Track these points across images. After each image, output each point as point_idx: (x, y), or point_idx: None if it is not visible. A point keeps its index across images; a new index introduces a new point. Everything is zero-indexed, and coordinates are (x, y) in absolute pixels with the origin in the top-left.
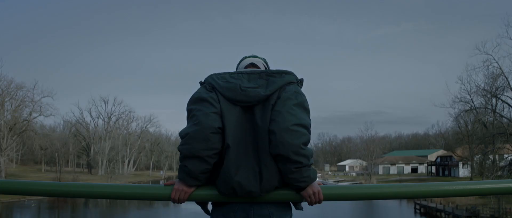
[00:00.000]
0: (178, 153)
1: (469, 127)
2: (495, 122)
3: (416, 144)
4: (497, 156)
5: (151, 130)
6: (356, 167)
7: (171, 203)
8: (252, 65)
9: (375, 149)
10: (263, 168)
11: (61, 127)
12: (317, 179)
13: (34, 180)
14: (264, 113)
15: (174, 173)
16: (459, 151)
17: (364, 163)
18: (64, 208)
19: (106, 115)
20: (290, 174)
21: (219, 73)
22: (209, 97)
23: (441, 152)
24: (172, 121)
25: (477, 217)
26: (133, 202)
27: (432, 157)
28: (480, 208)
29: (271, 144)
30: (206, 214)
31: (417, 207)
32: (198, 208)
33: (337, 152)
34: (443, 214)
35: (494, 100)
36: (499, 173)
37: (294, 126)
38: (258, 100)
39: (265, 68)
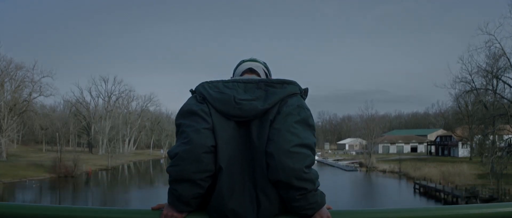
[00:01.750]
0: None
1: (470, 107)
2: (496, 103)
3: (416, 123)
4: (496, 137)
5: (151, 108)
6: (356, 145)
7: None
8: (251, 71)
9: (375, 128)
10: (261, 194)
11: (61, 106)
12: (325, 203)
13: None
14: (261, 130)
15: None
16: (459, 131)
17: (364, 142)
18: (66, 188)
19: (106, 94)
20: (294, 202)
21: (211, 82)
22: (200, 111)
23: (440, 132)
24: (172, 99)
25: (476, 197)
26: (133, 181)
27: (431, 136)
28: (479, 188)
29: (269, 169)
30: None
31: (417, 186)
32: None
33: (337, 130)
34: (442, 194)
35: (495, 81)
36: (499, 153)
37: (296, 147)
38: (254, 115)
39: (266, 74)
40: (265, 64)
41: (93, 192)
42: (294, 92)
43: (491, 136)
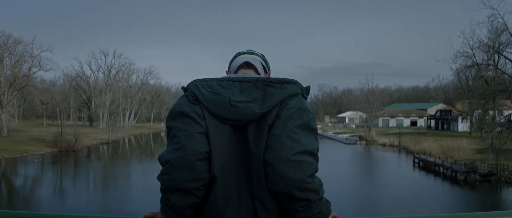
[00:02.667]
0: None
1: (470, 82)
2: (497, 78)
3: (416, 97)
4: (496, 112)
5: (151, 82)
6: (356, 119)
7: None
8: (247, 65)
9: (375, 101)
10: (258, 204)
11: (61, 81)
12: (331, 213)
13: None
14: (259, 135)
15: None
16: (459, 106)
17: (364, 115)
18: (67, 162)
19: (106, 67)
20: (296, 213)
21: (205, 80)
22: (193, 113)
23: (441, 106)
24: (172, 72)
25: (475, 172)
26: (134, 154)
27: (431, 110)
28: (478, 163)
29: (269, 178)
30: None
31: (416, 160)
32: None
33: (337, 103)
34: (441, 169)
35: (496, 56)
36: (498, 129)
37: (297, 155)
38: (251, 119)
39: (264, 67)
40: (262, 57)
41: (94, 166)
42: (295, 93)
43: (491, 112)
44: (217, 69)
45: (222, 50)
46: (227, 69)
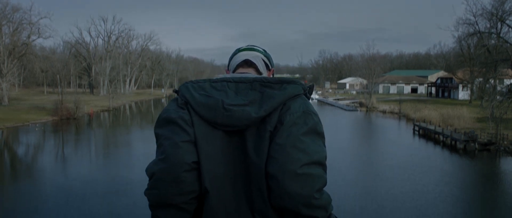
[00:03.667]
0: (180, 72)
1: (472, 50)
2: (499, 47)
3: (417, 63)
4: (497, 81)
5: (151, 47)
6: (357, 85)
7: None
8: (247, 64)
9: (375, 67)
10: None
11: (61, 48)
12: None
13: None
14: (259, 143)
15: None
16: (460, 73)
17: (365, 82)
18: (68, 130)
19: (105, 34)
20: None
21: (197, 82)
22: (179, 119)
23: (441, 73)
24: (172, 38)
25: (475, 141)
26: (135, 122)
27: (432, 77)
28: (478, 132)
29: (272, 193)
30: None
31: (416, 128)
32: None
33: (337, 69)
34: (441, 137)
35: (499, 24)
36: (499, 98)
37: (304, 167)
38: (247, 125)
39: (266, 64)
40: (265, 52)
41: (95, 133)
42: (297, 94)
43: (492, 80)
44: (217, 36)
45: (222, 16)
46: (226, 68)
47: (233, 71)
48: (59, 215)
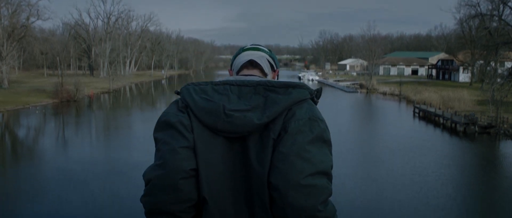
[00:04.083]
0: (180, 53)
1: (473, 32)
2: (500, 29)
3: (418, 45)
4: (498, 64)
5: (151, 29)
6: (357, 66)
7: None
8: (251, 64)
9: (376, 49)
10: None
11: (60, 29)
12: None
13: None
14: (262, 150)
15: (176, 72)
16: (460, 56)
17: (365, 63)
18: (68, 112)
19: (105, 15)
20: None
21: (199, 84)
22: (178, 123)
23: (442, 55)
24: (172, 18)
25: (475, 124)
26: (135, 103)
27: (433, 59)
28: (478, 115)
29: (275, 205)
30: None
31: (417, 110)
32: None
33: (338, 50)
34: (441, 119)
35: (501, 6)
36: (500, 81)
37: (309, 178)
38: (249, 131)
39: (271, 65)
40: (270, 53)
41: (95, 115)
42: (302, 99)
43: (493, 63)
44: (217, 16)
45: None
46: (230, 68)
47: (237, 72)
48: (61, 198)
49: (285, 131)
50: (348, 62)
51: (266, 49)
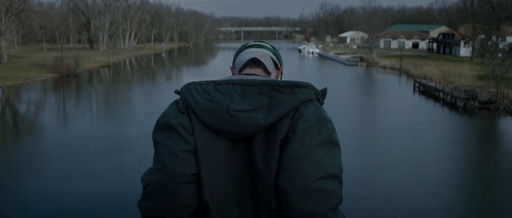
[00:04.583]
0: (180, 25)
1: (475, 6)
2: (503, 3)
3: (419, 18)
4: (499, 39)
5: (150, 0)
6: (357, 39)
7: (174, 79)
8: (254, 63)
9: (377, 21)
10: None
11: (59, 2)
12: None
13: None
14: (268, 152)
15: (176, 45)
16: (462, 30)
17: (366, 36)
18: (69, 87)
19: None
20: None
21: (200, 83)
22: (179, 125)
23: (443, 29)
24: None
25: (475, 100)
26: (135, 77)
27: (434, 33)
28: (478, 90)
29: (282, 210)
30: None
31: (417, 84)
32: None
33: (338, 22)
34: (441, 94)
35: None
36: (500, 55)
37: (318, 181)
38: (254, 132)
39: (275, 63)
40: (273, 50)
41: (96, 90)
42: (308, 99)
43: (495, 38)
44: None
45: None
46: (232, 65)
47: (240, 71)
48: (64, 173)
49: (293, 132)
50: (348, 35)
51: (270, 46)
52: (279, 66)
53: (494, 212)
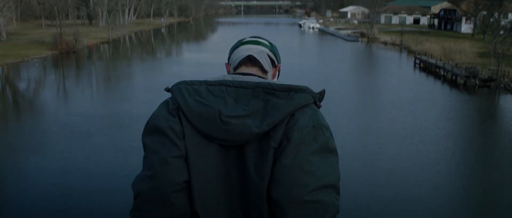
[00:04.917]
0: None
1: None
2: None
3: None
4: (502, 15)
5: None
6: (358, 14)
7: (174, 55)
8: (250, 61)
9: None
10: None
11: None
12: None
13: None
14: (261, 160)
15: (175, 20)
16: (464, 6)
17: (367, 11)
18: (68, 64)
19: None
20: None
21: (192, 83)
22: (169, 129)
23: (445, 5)
24: None
25: (475, 77)
26: (135, 53)
27: (435, 8)
28: (479, 68)
29: None
30: None
31: (417, 61)
32: None
33: None
34: (442, 71)
35: None
36: (502, 33)
37: (314, 193)
38: (247, 140)
39: (272, 61)
40: (271, 46)
41: (96, 67)
42: (306, 104)
43: (497, 14)
44: None
45: None
46: (227, 61)
47: (235, 69)
48: (64, 151)
49: (288, 140)
50: (349, 9)
51: (267, 42)
52: (276, 63)
53: (493, 190)
